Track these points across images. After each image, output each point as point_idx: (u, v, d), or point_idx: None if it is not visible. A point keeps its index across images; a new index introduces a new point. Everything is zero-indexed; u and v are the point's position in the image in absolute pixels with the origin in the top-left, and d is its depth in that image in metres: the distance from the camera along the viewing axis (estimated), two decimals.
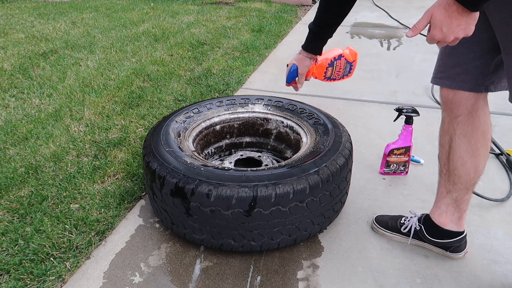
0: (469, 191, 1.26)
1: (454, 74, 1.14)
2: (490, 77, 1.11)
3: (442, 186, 1.30)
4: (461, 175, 1.22)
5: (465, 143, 1.18)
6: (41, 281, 1.28)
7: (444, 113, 1.22)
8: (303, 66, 1.46)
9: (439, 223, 1.33)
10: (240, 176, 1.24)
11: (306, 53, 1.44)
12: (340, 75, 1.57)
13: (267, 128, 1.81)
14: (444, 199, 1.30)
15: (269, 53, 3.59)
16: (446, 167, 1.25)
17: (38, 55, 3.48)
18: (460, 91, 1.14)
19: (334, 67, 1.53)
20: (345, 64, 1.55)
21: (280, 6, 5.61)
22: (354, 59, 1.56)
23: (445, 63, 1.17)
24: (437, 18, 0.87)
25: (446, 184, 1.28)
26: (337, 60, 1.53)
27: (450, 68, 1.15)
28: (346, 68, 1.56)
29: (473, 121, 1.16)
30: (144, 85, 2.84)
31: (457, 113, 1.17)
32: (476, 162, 1.20)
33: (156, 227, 1.51)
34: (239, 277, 1.30)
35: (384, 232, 1.45)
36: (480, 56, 1.09)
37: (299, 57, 1.45)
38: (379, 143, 2.06)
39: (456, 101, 1.16)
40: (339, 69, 1.55)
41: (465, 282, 1.27)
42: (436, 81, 1.21)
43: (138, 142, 2.09)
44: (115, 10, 5.38)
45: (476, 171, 1.21)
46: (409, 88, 2.79)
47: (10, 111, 2.44)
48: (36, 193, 1.68)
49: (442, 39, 0.88)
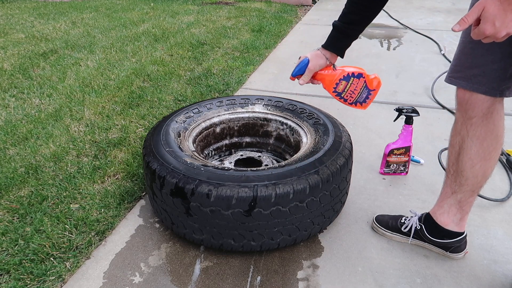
0: (474, 193, 1.24)
1: (471, 75, 1.10)
2: (507, 82, 1.07)
3: (447, 186, 1.29)
4: (469, 177, 1.20)
5: (477, 145, 1.15)
6: (41, 281, 1.28)
7: (458, 113, 1.19)
8: (315, 63, 1.29)
9: (440, 222, 1.32)
10: (240, 176, 1.24)
11: (324, 51, 1.28)
12: (353, 99, 1.34)
13: (267, 128, 1.81)
14: (448, 199, 1.29)
15: (269, 53, 3.59)
16: (454, 168, 1.23)
17: (38, 55, 3.48)
18: (476, 92, 1.10)
19: (349, 84, 1.31)
20: (363, 88, 1.32)
21: (280, 6, 5.60)
22: (375, 88, 1.32)
23: (462, 62, 1.13)
24: (489, 11, 0.81)
25: (452, 184, 1.26)
26: (355, 78, 1.31)
27: (467, 69, 1.11)
28: (363, 94, 1.33)
29: (487, 123, 1.13)
30: (144, 85, 2.84)
31: (472, 114, 1.13)
32: (485, 166, 1.18)
33: (156, 227, 1.51)
34: (239, 277, 1.30)
35: (384, 231, 1.45)
36: (499, 59, 1.06)
37: (315, 53, 1.30)
38: (379, 143, 2.06)
39: (472, 103, 1.12)
40: (354, 89, 1.32)
41: (465, 282, 1.27)
42: (451, 80, 1.17)
43: (138, 142, 2.09)
44: (115, 10, 5.38)
45: (484, 175, 1.19)
46: (409, 88, 2.79)
47: (10, 111, 2.44)
48: (36, 193, 1.68)
49: (492, 34, 0.83)
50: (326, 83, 1.33)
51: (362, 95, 1.33)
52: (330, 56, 1.28)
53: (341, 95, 1.34)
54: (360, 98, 1.34)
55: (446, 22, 4.55)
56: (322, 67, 1.30)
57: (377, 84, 1.32)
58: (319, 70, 1.31)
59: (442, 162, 1.88)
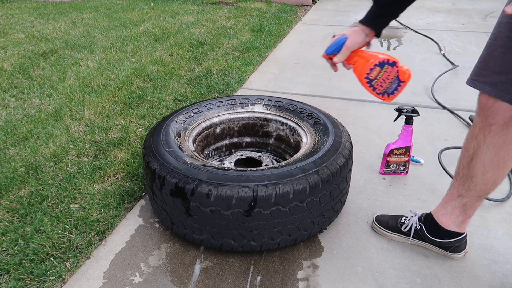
0: (481, 199, 1.22)
1: (497, 81, 1.05)
2: None
3: (454, 188, 1.27)
4: (478, 183, 1.18)
5: (493, 153, 1.12)
6: (41, 281, 1.28)
7: (477, 117, 1.15)
8: (353, 40, 1.18)
9: (441, 222, 1.32)
10: (240, 176, 1.24)
11: (363, 27, 1.17)
12: (382, 88, 1.26)
13: (267, 128, 1.81)
14: (453, 201, 1.27)
15: (269, 53, 3.59)
16: (464, 172, 1.20)
17: (38, 55, 3.48)
18: (500, 100, 1.06)
19: (383, 72, 1.23)
20: (394, 78, 1.24)
21: (280, 6, 5.60)
22: (405, 80, 1.25)
23: (489, 66, 1.08)
24: None
25: (459, 187, 1.24)
26: (389, 66, 1.22)
27: (495, 74, 1.06)
28: (393, 84, 1.26)
29: (507, 132, 1.09)
30: (144, 85, 2.84)
31: (492, 121, 1.09)
32: (497, 174, 1.15)
33: (156, 227, 1.51)
34: (239, 277, 1.30)
35: (384, 231, 1.45)
36: None
37: (353, 29, 1.18)
38: (379, 143, 2.06)
39: (494, 109, 1.07)
40: (386, 77, 1.24)
41: (465, 282, 1.27)
42: (474, 83, 1.11)
43: (138, 142, 2.09)
44: (115, 10, 5.38)
45: (495, 183, 1.17)
46: (409, 88, 2.79)
47: (10, 111, 2.44)
48: (36, 193, 1.68)
49: None
50: (359, 68, 1.25)
51: (392, 85, 1.26)
52: (369, 33, 1.17)
53: (372, 82, 1.27)
54: (389, 88, 1.26)
55: (446, 22, 4.55)
56: (360, 44, 1.20)
57: (408, 76, 1.24)
58: (356, 49, 1.22)
59: (442, 162, 1.88)
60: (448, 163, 1.87)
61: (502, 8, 1.00)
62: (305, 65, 3.27)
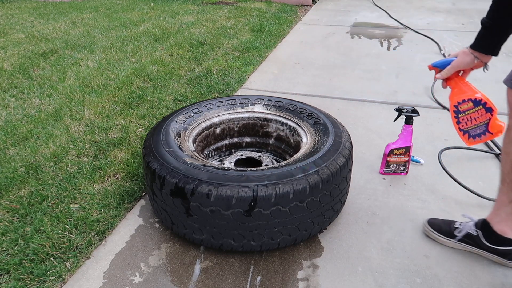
0: None
1: None
2: None
3: (503, 194, 1.24)
4: None
5: None
6: (41, 281, 1.28)
7: (510, 120, 1.14)
8: (460, 59, 1.19)
9: (498, 230, 1.27)
10: (240, 176, 1.24)
11: (471, 50, 1.17)
12: (466, 126, 1.24)
13: (267, 128, 1.81)
14: (505, 207, 1.24)
15: (269, 53, 3.59)
16: (510, 177, 1.18)
17: (38, 55, 3.48)
18: None
19: (474, 110, 1.21)
20: (483, 124, 1.21)
21: (280, 6, 5.60)
22: (493, 132, 1.21)
23: None
24: None
25: (509, 193, 1.21)
26: (484, 108, 1.19)
27: None
28: (478, 129, 1.22)
29: None
30: (144, 85, 2.84)
31: None
32: None
33: (156, 227, 1.51)
34: (239, 277, 1.30)
35: (437, 236, 1.40)
36: None
37: (463, 50, 1.19)
38: (379, 143, 2.06)
39: None
40: (475, 117, 1.21)
41: (465, 282, 1.27)
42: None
43: (138, 142, 2.09)
44: (115, 10, 5.38)
45: None
46: (409, 88, 2.79)
47: (10, 111, 2.44)
48: (36, 193, 1.68)
49: None
50: (454, 93, 1.25)
51: (477, 129, 1.23)
52: (480, 55, 1.16)
53: (458, 114, 1.25)
54: (473, 131, 1.24)
55: (446, 22, 4.55)
56: (468, 65, 1.20)
57: (497, 131, 1.21)
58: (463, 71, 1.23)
59: (442, 162, 1.88)
60: (448, 163, 1.87)
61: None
62: (305, 65, 3.27)
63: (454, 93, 1.26)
